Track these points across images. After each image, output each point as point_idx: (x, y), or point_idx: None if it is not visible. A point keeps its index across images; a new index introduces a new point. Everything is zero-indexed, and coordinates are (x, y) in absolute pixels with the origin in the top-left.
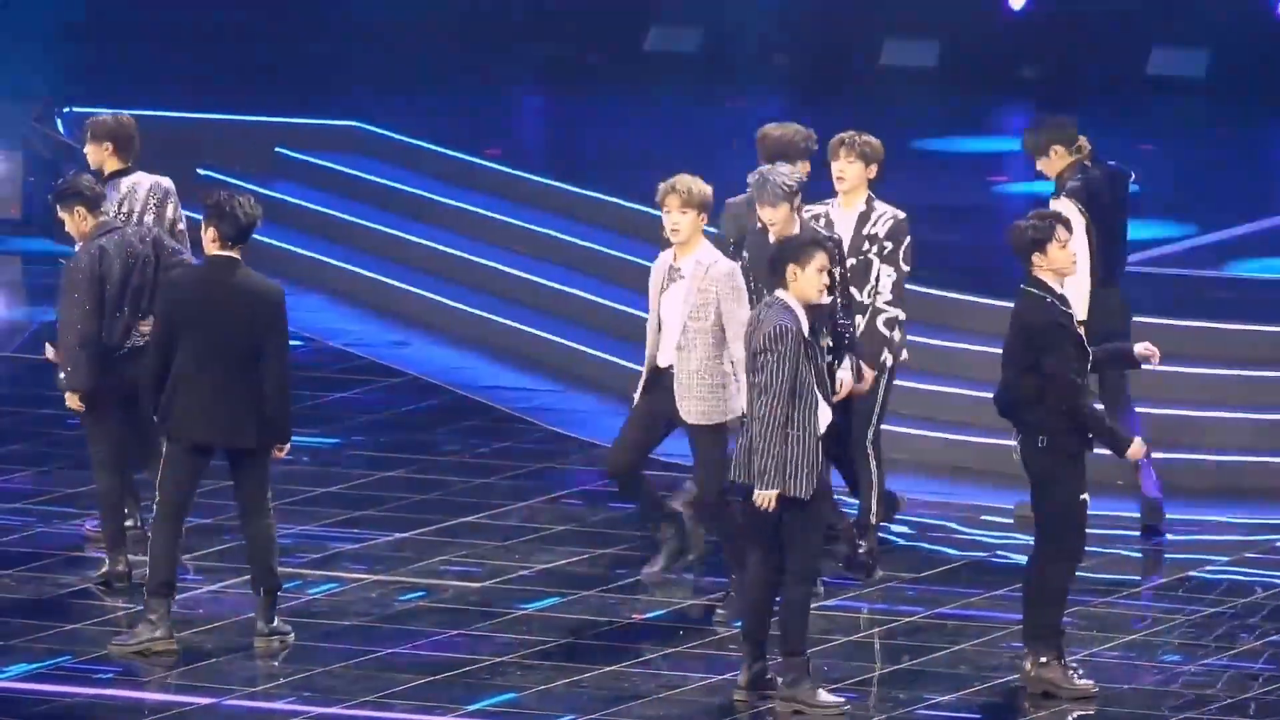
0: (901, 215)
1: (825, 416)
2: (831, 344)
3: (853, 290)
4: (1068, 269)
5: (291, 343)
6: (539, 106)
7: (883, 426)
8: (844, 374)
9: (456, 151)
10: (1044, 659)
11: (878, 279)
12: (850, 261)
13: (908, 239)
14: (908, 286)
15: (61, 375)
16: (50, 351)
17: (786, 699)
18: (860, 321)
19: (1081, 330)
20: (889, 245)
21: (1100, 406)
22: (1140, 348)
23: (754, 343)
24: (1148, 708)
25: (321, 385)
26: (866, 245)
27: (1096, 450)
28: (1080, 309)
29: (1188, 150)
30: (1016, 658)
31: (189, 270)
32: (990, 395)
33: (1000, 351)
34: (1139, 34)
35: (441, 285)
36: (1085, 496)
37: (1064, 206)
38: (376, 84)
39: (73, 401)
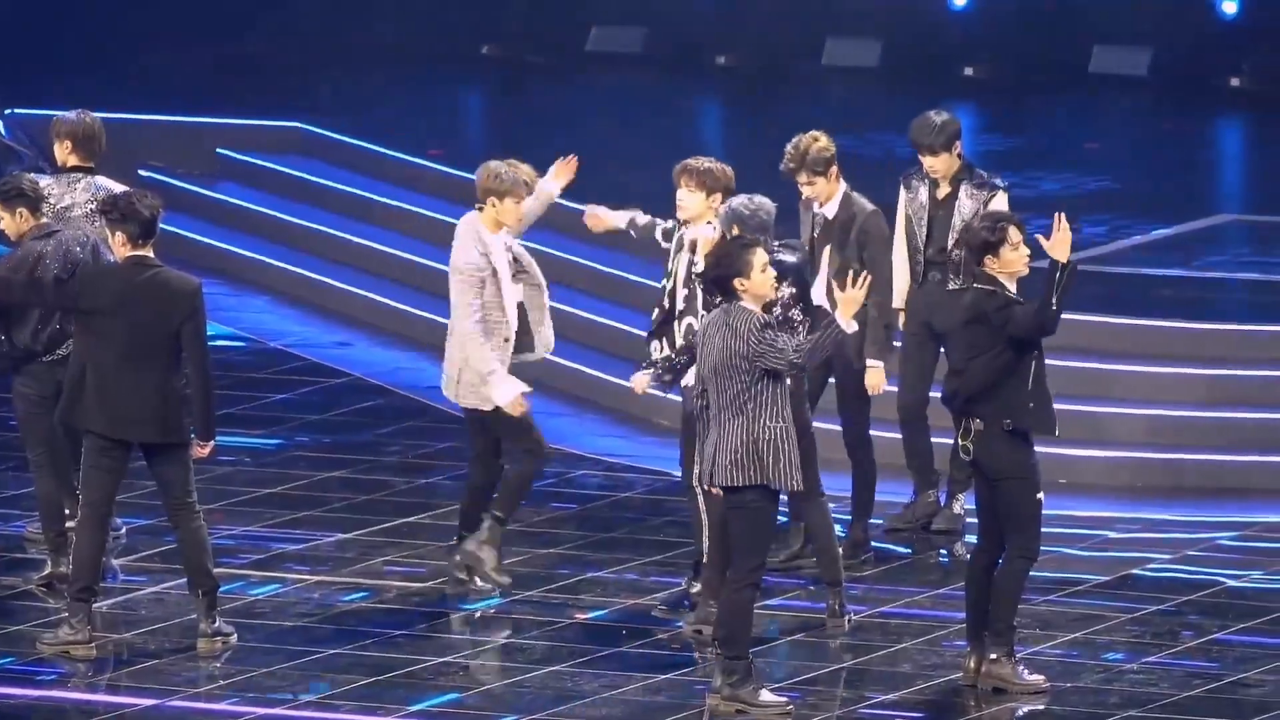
0: None
1: None
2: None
3: (690, 320)
4: (1021, 270)
5: (234, 344)
6: (481, 107)
7: (825, 427)
8: None
9: (399, 152)
10: (994, 655)
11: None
12: (683, 292)
13: None
14: None
15: None
16: None
17: (730, 699)
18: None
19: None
20: None
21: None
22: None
23: (744, 352)
24: (1090, 706)
25: (263, 386)
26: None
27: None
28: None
29: (1130, 148)
30: (959, 656)
31: (104, 268)
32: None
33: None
34: (1081, 32)
35: (384, 286)
36: (1041, 495)
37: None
38: (318, 84)
39: None
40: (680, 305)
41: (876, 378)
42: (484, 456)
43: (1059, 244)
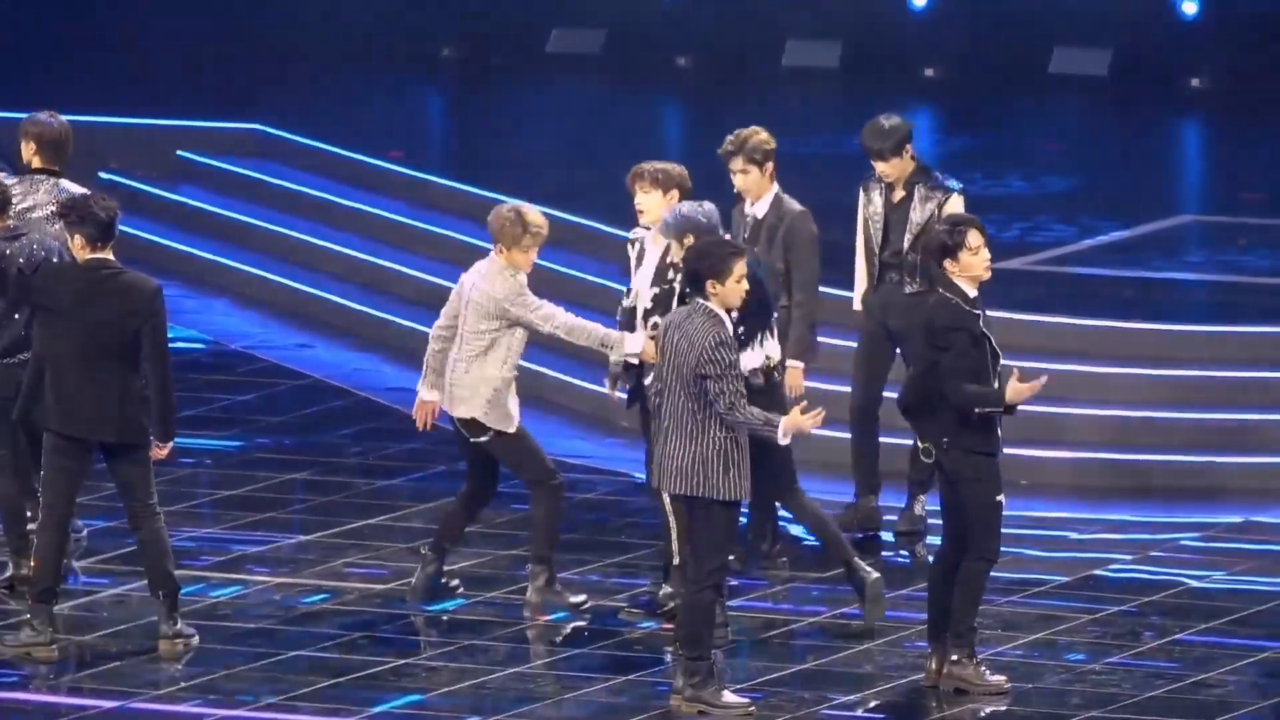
0: None
1: None
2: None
3: (656, 318)
4: (981, 273)
5: (194, 345)
6: (442, 109)
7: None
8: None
9: (359, 154)
10: (955, 657)
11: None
12: (654, 291)
13: None
14: None
15: None
16: None
17: (692, 700)
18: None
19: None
20: None
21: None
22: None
23: (693, 364)
24: (1052, 707)
25: (225, 388)
26: (671, 274)
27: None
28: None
29: (1091, 149)
30: (921, 657)
31: (66, 266)
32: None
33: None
34: (1041, 33)
35: (345, 288)
36: (1001, 497)
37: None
38: (279, 87)
39: None
40: (648, 304)
41: (795, 378)
42: (480, 472)
43: (1019, 394)
